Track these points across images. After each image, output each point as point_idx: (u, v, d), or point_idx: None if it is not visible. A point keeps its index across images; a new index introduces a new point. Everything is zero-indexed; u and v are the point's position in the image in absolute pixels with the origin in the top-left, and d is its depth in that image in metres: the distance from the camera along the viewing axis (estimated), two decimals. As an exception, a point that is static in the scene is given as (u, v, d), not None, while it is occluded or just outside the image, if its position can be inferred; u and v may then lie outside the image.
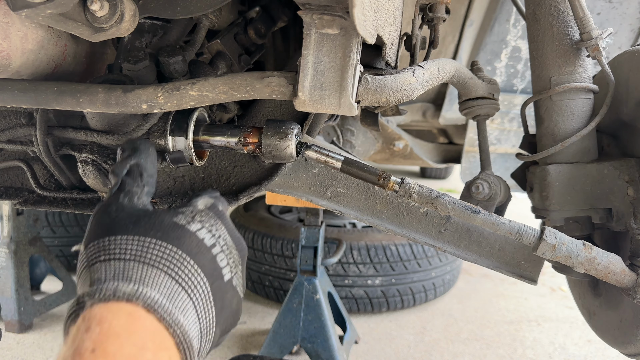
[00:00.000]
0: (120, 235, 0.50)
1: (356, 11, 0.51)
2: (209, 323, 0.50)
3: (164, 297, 0.45)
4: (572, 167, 0.99)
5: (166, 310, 0.44)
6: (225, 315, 0.53)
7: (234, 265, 0.55)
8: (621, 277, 0.82)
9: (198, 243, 0.52)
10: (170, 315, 0.44)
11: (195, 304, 0.48)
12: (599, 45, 0.94)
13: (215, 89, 0.64)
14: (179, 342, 0.44)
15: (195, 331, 0.47)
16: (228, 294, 0.53)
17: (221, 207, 0.58)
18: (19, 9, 0.54)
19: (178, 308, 0.46)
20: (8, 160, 0.94)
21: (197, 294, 0.49)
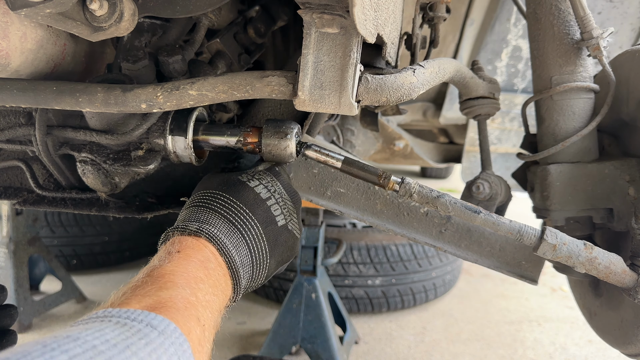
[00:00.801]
0: (204, 190, 0.71)
1: (356, 10, 0.51)
2: (262, 256, 0.68)
3: (221, 234, 0.64)
4: (573, 166, 0.99)
5: (221, 242, 0.63)
6: (280, 251, 0.70)
7: (287, 213, 0.72)
8: (622, 277, 0.82)
9: (255, 196, 0.69)
10: (223, 246, 0.63)
11: (248, 242, 0.66)
12: (599, 44, 0.94)
13: (214, 89, 0.64)
14: (229, 265, 0.63)
15: (245, 260, 0.66)
16: (282, 235, 0.70)
17: (278, 168, 0.77)
18: (18, 8, 0.54)
19: (231, 243, 0.64)
20: (7, 160, 0.94)
21: (250, 235, 0.67)
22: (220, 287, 0.61)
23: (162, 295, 0.52)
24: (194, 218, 0.66)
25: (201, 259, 0.60)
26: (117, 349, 0.40)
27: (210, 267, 0.60)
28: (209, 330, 0.55)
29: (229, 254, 0.63)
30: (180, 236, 0.63)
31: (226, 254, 0.63)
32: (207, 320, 0.54)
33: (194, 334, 0.50)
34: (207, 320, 0.54)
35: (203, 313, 0.54)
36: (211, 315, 0.56)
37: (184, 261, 0.58)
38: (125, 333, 0.42)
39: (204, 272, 0.59)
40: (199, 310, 0.54)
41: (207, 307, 0.56)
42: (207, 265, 0.60)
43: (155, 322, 0.46)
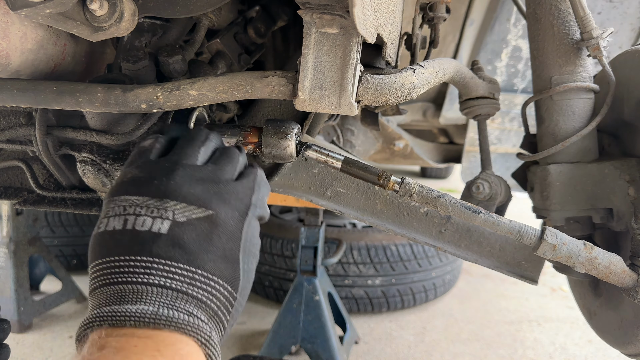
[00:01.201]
0: (101, 263, 0.53)
1: (356, 10, 0.51)
2: (185, 277, 0.49)
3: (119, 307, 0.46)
4: (573, 166, 0.99)
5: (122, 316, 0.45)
6: (206, 247, 0.51)
7: (159, 210, 0.51)
8: (622, 277, 0.82)
9: (111, 234, 0.52)
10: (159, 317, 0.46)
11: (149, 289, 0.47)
12: (599, 44, 0.94)
13: (214, 89, 0.64)
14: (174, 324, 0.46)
15: (158, 305, 0.47)
16: (184, 235, 0.50)
17: None
18: (18, 9, 0.54)
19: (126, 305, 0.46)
20: (7, 160, 0.94)
21: (144, 277, 0.48)
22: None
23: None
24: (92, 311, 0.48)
25: None
26: None
27: None
28: None
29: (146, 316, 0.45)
30: (83, 340, 0.46)
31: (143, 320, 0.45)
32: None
33: None
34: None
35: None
36: None
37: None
38: None
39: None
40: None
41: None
42: None
43: None
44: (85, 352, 0.43)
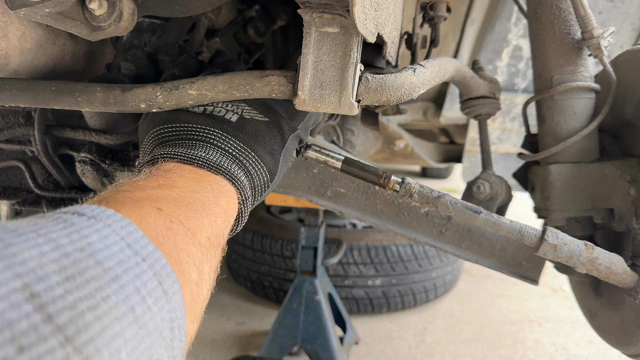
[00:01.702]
0: (150, 133, 0.66)
1: (356, 9, 0.51)
2: (241, 151, 0.62)
3: (182, 149, 0.59)
4: (574, 166, 0.99)
5: (197, 156, 0.58)
6: (259, 141, 0.64)
7: (233, 107, 0.65)
8: (623, 277, 0.81)
9: (192, 114, 0.64)
10: (199, 158, 0.58)
11: (215, 145, 0.60)
12: (600, 44, 0.94)
13: (214, 88, 0.64)
14: (213, 167, 0.58)
15: (220, 156, 0.59)
16: (247, 126, 0.64)
17: None
18: (17, 8, 0.54)
19: (194, 150, 0.59)
20: (6, 160, 0.94)
21: (217, 141, 0.61)
22: (202, 185, 0.54)
23: (108, 198, 0.43)
24: (147, 154, 0.62)
25: (159, 172, 0.53)
26: (15, 233, 0.30)
27: (171, 175, 0.53)
28: (192, 219, 0.46)
29: (193, 155, 0.57)
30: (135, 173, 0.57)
31: (197, 159, 0.57)
32: (178, 209, 0.45)
33: (150, 221, 0.41)
34: (178, 209, 0.45)
35: (166, 204, 0.45)
36: (193, 207, 0.48)
37: (136, 178, 0.51)
38: (36, 220, 0.33)
39: (164, 179, 0.52)
40: (159, 202, 0.44)
41: (178, 200, 0.47)
42: (167, 175, 0.53)
43: (84, 209, 0.36)
44: (154, 171, 0.54)
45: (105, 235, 0.34)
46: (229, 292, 2.87)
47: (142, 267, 0.34)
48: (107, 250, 0.33)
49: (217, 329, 2.44)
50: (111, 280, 0.31)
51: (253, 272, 2.74)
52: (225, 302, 2.75)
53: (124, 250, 0.34)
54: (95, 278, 0.30)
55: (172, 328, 0.35)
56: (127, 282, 0.32)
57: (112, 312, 0.29)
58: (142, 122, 0.69)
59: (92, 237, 0.33)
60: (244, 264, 2.77)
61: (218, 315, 2.60)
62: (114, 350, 0.28)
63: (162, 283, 0.35)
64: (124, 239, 0.35)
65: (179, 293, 0.37)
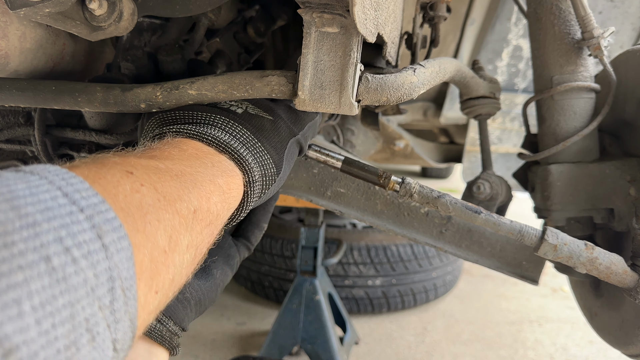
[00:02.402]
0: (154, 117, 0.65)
1: (356, 9, 0.51)
2: (248, 138, 0.61)
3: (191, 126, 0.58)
4: (574, 166, 0.99)
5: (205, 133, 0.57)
6: (265, 135, 0.63)
7: (238, 102, 0.65)
8: (623, 277, 0.81)
9: (199, 105, 0.64)
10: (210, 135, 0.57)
11: (227, 131, 0.59)
12: (600, 44, 0.94)
13: (214, 88, 0.64)
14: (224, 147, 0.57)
15: (237, 144, 0.58)
16: (253, 120, 0.63)
17: None
18: (17, 8, 0.54)
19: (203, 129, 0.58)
20: (6, 160, 0.94)
21: (225, 125, 0.60)
22: (202, 161, 0.52)
23: (86, 160, 0.39)
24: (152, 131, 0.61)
25: (158, 146, 0.52)
26: None
27: (169, 147, 0.52)
28: (172, 188, 0.42)
29: (203, 132, 0.56)
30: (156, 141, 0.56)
31: (206, 136, 0.56)
32: (155, 175, 0.42)
33: (112, 181, 0.36)
34: (155, 175, 0.42)
35: (140, 169, 0.41)
36: (177, 178, 0.44)
37: (128, 151, 0.48)
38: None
39: (159, 152, 0.50)
40: (132, 166, 0.40)
41: (156, 168, 0.43)
42: (166, 147, 0.51)
43: (28, 168, 0.32)
44: (155, 144, 0.53)
45: (36, 185, 0.30)
46: (229, 292, 2.87)
47: (77, 217, 0.30)
48: (32, 197, 0.29)
49: (217, 329, 2.44)
50: (24, 226, 0.27)
51: (253, 272, 2.74)
52: (225, 302, 2.75)
53: (57, 199, 0.30)
54: (2, 222, 0.26)
55: (112, 288, 0.31)
56: (47, 230, 0.28)
57: (14, 260, 0.26)
58: (145, 116, 0.69)
59: (17, 186, 0.29)
60: (244, 264, 2.77)
61: (218, 315, 2.60)
62: (11, 300, 0.25)
63: (101, 237, 0.31)
64: (61, 188, 0.31)
65: (126, 251, 0.33)
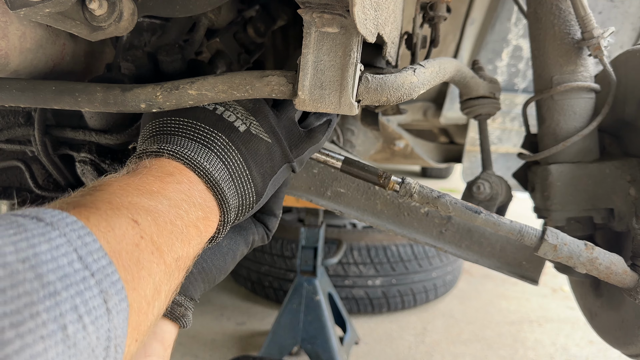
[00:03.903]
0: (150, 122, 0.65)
1: (356, 10, 0.51)
2: (239, 166, 0.61)
3: (187, 149, 0.57)
4: (574, 166, 0.99)
5: (186, 155, 0.56)
6: (256, 161, 0.63)
7: (243, 117, 0.64)
8: (623, 277, 0.81)
9: (203, 109, 0.63)
10: (190, 158, 0.56)
11: (218, 153, 0.59)
12: (600, 44, 0.94)
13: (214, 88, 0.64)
14: (203, 176, 0.56)
15: (223, 173, 0.58)
16: (251, 142, 0.63)
17: None
18: (17, 8, 0.54)
19: (201, 156, 0.57)
20: (6, 160, 0.94)
21: (217, 146, 0.60)
22: (192, 200, 0.52)
23: (82, 200, 0.41)
24: (151, 143, 0.59)
25: (157, 174, 0.52)
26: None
27: (170, 180, 0.52)
28: (164, 237, 0.45)
29: (199, 164, 0.56)
30: (137, 162, 0.55)
31: (196, 166, 0.55)
32: (154, 225, 0.44)
33: (118, 233, 0.39)
34: (156, 226, 0.44)
35: (144, 217, 0.43)
36: (170, 225, 0.46)
37: (129, 177, 0.49)
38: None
39: (159, 185, 0.50)
40: (137, 213, 0.43)
41: (158, 214, 0.45)
42: (165, 179, 0.52)
43: (44, 215, 0.35)
44: (154, 169, 0.53)
45: (57, 246, 0.33)
46: (229, 292, 2.87)
47: (89, 282, 0.33)
48: (54, 262, 0.32)
49: (217, 329, 2.44)
50: (47, 296, 0.30)
51: (253, 272, 2.74)
52: (225, 302, 2.75)
53: (73, 263, 0.33)
54: (29, 292, 0.29)
55: (107, 347, 0.34)
56: (65, 299, 0.31)
57: (38, 330, 0.28)
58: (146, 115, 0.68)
59: (41, 247, 0.32)
60: (244, 264, 2.77)
61: (218, 315, 2.60)
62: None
63: (107, 301, 0.34)
64: (77, 250, 0.34)
65: (124, 312, 0.36)
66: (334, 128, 2.48)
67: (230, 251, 0.67)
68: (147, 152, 0.57)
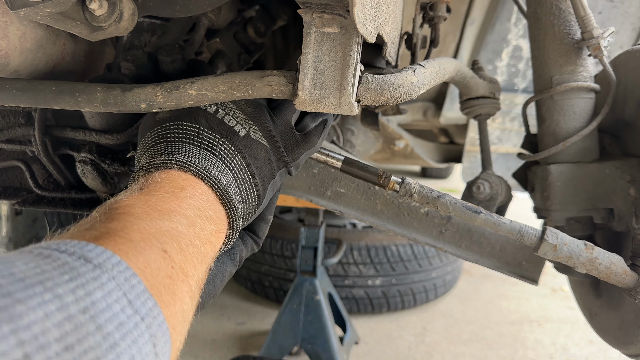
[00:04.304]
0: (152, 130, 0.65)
1: (356, 10, 0.51)
2: (242, 171, 0.61)
3: (194, 158, 0.58)
4: (574, 166, 0.99)
5: (196, 165, 0.57)
6: (257, 165, 0.64)
7: (242, 121, 0.65)
8: (622, 277, 0.81)
9: (205, 113, 0.64)
10: (200, 168, 0.56)
11: (223, 159, 0.60)
12: (600, 44, 0.94)
13: (214, 88, 0.64)
14: (213, 186, 0.57)
15: (229, 179, 0.59)
16: (251, 146, 0.63)
17: None
18: (17, 8, 0.54)
19: (209, 164, 0.58)
20: (6, 160, 0.94)
21: (222, 152, 0.60)
22: (205, 215, 0.53)
23: (111, 227, 0.42)
24: (157, 153, 0.59)
25: (170, 189, 0.52)
26: (23, 284, 0.29)
27: (183, 195, 0.52)
28: (190, 263, 0.46)
29: (208, 174, 0.56)
30: (145, 175, 0.55)
31: (206, 175, 0.56)
32: (180, 252, 0.45)
33: (154, 268, 0.41)
34: (180, 252, 0.45)
35: (171, 244, 0.45)
36: (191, 248, 0.48)
37: (145, 195, 0.50)
38: (44, 266, 0.32)
39: (175, 202, 0.50)
40: (165, 241, 0.44)
41: (181, 237, 0.47)
42: (179, 195, 0.52)
43: (90, 254, 0.36)
44: (164, 182, 0.53)
45: (109, 292, 0.34)
46: (229, 292, 2.87)
47: (140, 329, 0.35)
48: (109, 310, 0.33)
49: (217, 329, 2.44)
50: (109, 349, 0.31)
51: (253, 272, 2.74)
52: (225, 302, 2.75)
53: (125, 310, 0.34)
54: (93, 347, 0.30)
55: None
56: (124, 350, 0.33)
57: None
58: (148, 115, 0.67)
59: (96, 295, 0.33)
60: (244, 264, 2.77)
61: (218, 315, 2.60)
62: None
63: (155, 345, 0.36)
64: (126, 295, 0.36)
65: (167, 354, 0.38)
66: (332, 128, 2.46)
67: (219, 274, 0.67)
68: (155, 164, 0.57)
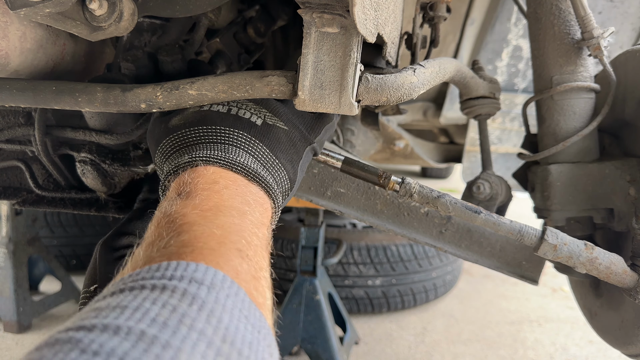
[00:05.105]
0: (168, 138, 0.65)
1: (357, 10, 0.51)
2: (269, 157, 0.62)
3: (221, 152, 0.58)
4: (574, 166, 0.99)
5: (226, 158, 0.58)
6: (281, 149, 0.64)
7: (256, 111, 0.65)
8: (623, 277, 0.81)
9: (217, 114, 0.64)
10: (230, 160, 0.58)
11: (247, 150, 0.61)
12: (600, 44, 0.94)
13: (214, 88, 0.64)
14: (247, 172, 0.58)
15: (257, 165, 0.60)
16: (271, 132, 0.64)
17: None
18: (17, 8, 0.54)
19: (236, 155, 0.59)
20: (6, 160, 0.94)
21: (245, 144, 0.61)
22: (246, 200, 0.54)
23: (186, 240, 0.43)
24: (180, 156, 0.60)
25: (205, 186, 0.53)
26: (170, 330, 0.29)
27: (218, 188, 0.53)
28: (259, 254, 0.48)
29: (234, 161, 0.57)
30: (175, 180, 0.57)
31: (231, 163, 0.57)
32: (249, 246, 0.47)
33: (242, 271, 0.42)
34: (250, 247, 0.46)
35: (240, 241, 0.46)
36: (254, 238, 0.49)
37: (189, 200, 0.50)
38: (170, 301, 0.32)
39: (217, 197, 0.51)
40: (234, 240, 0.45)
41: (242, 230, 0.48)
42: (215, 188, 0.53)
43: (198, 274, 0.36)
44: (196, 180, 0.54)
45: (231, 312, 0.35)
46: (228, 292, 2.87)
47: (262, 344, 0.36)
48: (239, 332, 0.34)
49: (217, 329, 2.44)
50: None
51: (253, 272, 2.73)
52: (225, 302, 2.75)
53: (247, 327, 0.35)
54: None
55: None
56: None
57: None
58: (157, 121, 0.67)
59: (224, 319, 0.34)
60: (244, 264, 2.77)
61: (218, 315, 2.59)
62: None
63: (272, 355, 0.37)
64: (242, 311, 0.36)
65: (277, 356, 0.39)
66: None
67: None
68: (181, 165, 0.57)
